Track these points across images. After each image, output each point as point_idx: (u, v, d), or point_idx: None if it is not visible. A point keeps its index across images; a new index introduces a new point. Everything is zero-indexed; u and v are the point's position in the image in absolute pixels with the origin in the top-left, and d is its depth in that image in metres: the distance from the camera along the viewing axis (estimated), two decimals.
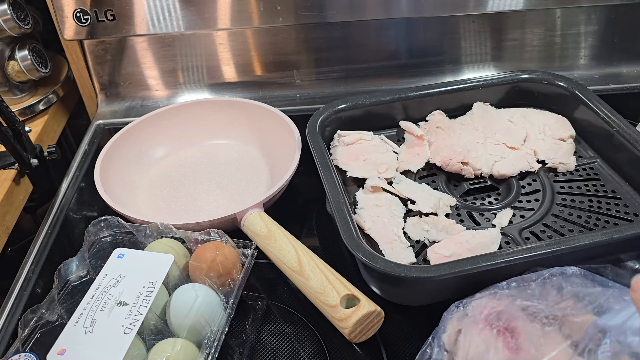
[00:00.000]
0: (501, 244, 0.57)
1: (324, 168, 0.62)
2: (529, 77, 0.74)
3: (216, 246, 0.55)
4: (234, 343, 0.55)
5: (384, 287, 0.57)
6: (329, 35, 0.86)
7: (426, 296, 0.56)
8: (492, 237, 0.57)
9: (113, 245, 0.58)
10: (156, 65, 0.88)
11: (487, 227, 0.59)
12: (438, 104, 0.74)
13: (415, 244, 0.59)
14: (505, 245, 0.57)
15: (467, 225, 0.60)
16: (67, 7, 0.78)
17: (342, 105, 0.72)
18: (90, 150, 0.83)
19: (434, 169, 0.69)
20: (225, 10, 0.80)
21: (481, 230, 0.58)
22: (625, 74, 0.89)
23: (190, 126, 0.79)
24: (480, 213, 0.62)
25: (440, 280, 0.50)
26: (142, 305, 0.51)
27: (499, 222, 0.60)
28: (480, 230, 0.58)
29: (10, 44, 0.82)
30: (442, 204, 0.62)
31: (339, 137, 0.71)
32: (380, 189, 0.64)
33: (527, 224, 0.60)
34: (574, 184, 0.65)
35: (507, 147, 0.69)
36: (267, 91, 0.90)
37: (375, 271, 0.52)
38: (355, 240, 0.53)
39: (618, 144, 0.65)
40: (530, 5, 0.81)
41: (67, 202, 0.74)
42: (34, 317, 0.51)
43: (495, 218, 0.61)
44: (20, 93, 0.85)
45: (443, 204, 0.62)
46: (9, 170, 0.73)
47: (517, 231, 0.59)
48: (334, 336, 0.54)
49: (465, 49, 0.88)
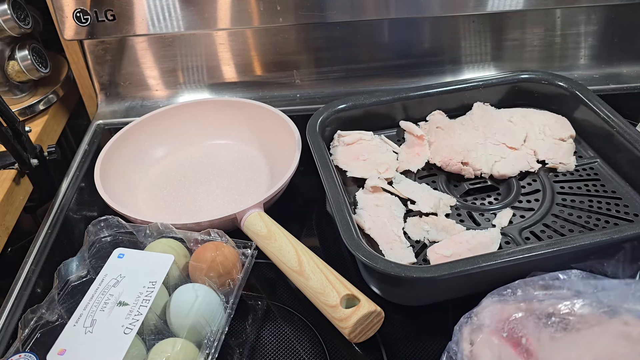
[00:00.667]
0: (501, 244, 0.57)
1: (324, 168, 0.62)
2: (529, 77, 0.74)
3: (216, 246, 0.55)
4: (234, 343, 0.55)
5: (384, 287, 0.56)
6: (329, 35, 0.86)
7: (426, 296, 0.56)
8: (492, 237, 0.57)
9: (113, 245, 0.58)
10: (156, 65, 0.88)
11: (487, 227, 0.59)
12: (438, 104, 0.74)
13: (415, 244, 0.59)
14: (505, 246, 0.57)
15: (467, 225, 0.60)
16: (67, 7, 0.78)
17: (342, 105, 0.71)
18: (90, 150, 0.83)
19: (434, 169, 0.69)
20: (225, 10, 0.80)
21: (481, 230, 0.58)
22: (625, 74, 0.89)
23: (190, 126, 0.79)
24: (480, 213, 0.62)
25: (440, 280, 0.50)
26: (142, 305, 0.51)
27: (499, 222, 0.60)
28: (480, 230, 0.58)
29: (10, 44, 0.82)
30: (442, 204, 0.62)
31: (339, 137, 0.71)
32: (380, 189, 0.64)
33: (527, 224, 0.60)
34: (574, 184, 0.65)
35: (507, 147, 0.69)
36: (267, 91, 0.90)
37: (375, 271, 0.51)
38: (355, 240, 0.53)
39: (618, 144, 0.65)
40: (530, 5, 0.81)
41: (67, 202, 0.74)
42: (34, 317, 0.51)
43: (495, 218, 0.61)
44: (20, 93, 0.85)
45: (443, 204, 0.62)
46: (9, 170, 0.73)
47: (517, 231, 0.59)
48: (334, 336, 0.54)
49: (465, 49, 0.88)
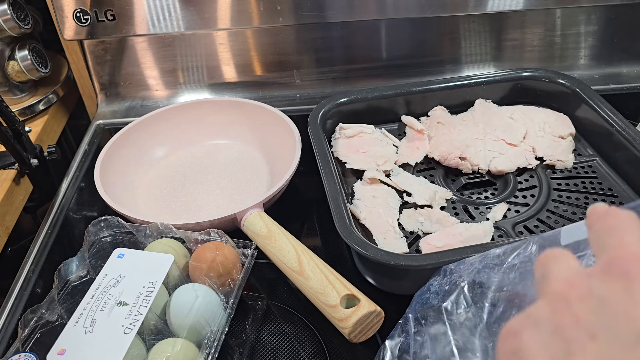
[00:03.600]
0: (494, 237, 0.57)
1: (322, 158, 0.63)
2: (531, 75, 0.75)
3: (216, 246, 0.55)
4: (234, 343, 0.55)
5: (377, 277, 0.57)
6: (329, 35, 0.86)
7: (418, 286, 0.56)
8: (485, 230, 0.57)
9: (113, 245, 0.58)
10: (156, 65, 0.88)
11: (481, 221, 0.60)
12: (440, 99, 0.75)
13: (409, 235, 0.60)
14: (498, 239, 0.58)
15: (462, 218, 0.61)
16: (67, 7, 0.78)
17: (344, 98, 0.72)
18: (90, 150, 0.83)
19: (433, 163, 0.69)
20: (225, 10, 0.80)
21: (474, 223, 0.59)
22: (625, 74, 0.89)
23: (190, 126, 0.79)
24: (475, 207, 0.63)
25: (430, 269, 0.50)
26: (142, 305, 0.51)
27: (493, 216, 0.60)
28: (474, 223, 0.59)
29: (10, 44, 0.82)
30: (438, 197, 0.63)
31: (340, 129, 0.72)
32: (377, 180, 0.65)
33: (521, 219, 0.60)
34: (571, 181, 0.65)
35: (506, 144, 0.69)
36: (267, 91, 0.90)
37: (367, 260, 0.52)
38: (347, 228, 0.54)
39: (617, 142, 0.65)
40: (530, 5, 0.81)
41: (67, 202, 0.74)
42: (34, 317, 0.51)
43: (490, 212, 0.61)
44: (20, 93, 0.85)
45: (439, 196, 0.63)
46: (9, 170, 0.73)
47: (510, 225, 0.59)
48: (334, 336, 0.54)
49: (465, 49, 0.88)
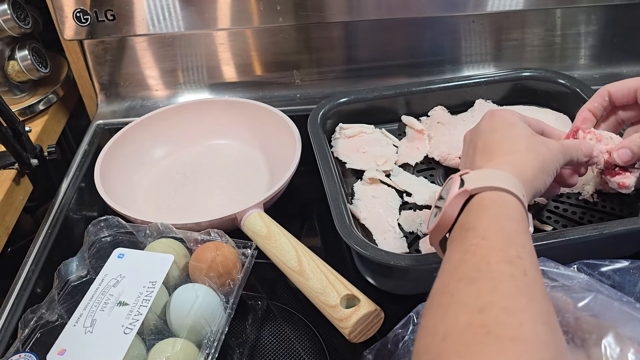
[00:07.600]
0: None
1: (322, 158, 0.63)
2: (531, 75, 0.75)
3: (216, 246, 0.55)
4: (234, 343, 0.55)
5: (377, 277, 0.57)
6: (329, 35, 0.86)
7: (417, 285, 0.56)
8: None
9: (113, 245, 0.58)
10: (156, 65, 0.88)
11: None
12: (440, 99, 0.75)
13: (409, 235, 0.60)
14: None
15: None
16: (67, 7, 0.78)
17: (344, 98, 0.72)
18: (90, 150, 0.83)
19: (433, 163, 0.69)
20: (225, 10, 0.80)
21: None
22: (625, 74, 0.89)
23: (190, 126, 0.79)
24: None
25: (429, 269, 0.50)
26: (142, 305, 0.50)
27: None
28: None
29: (10, 44, 0.81)
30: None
31: (340, 129, 0.72)
32: (377, 180, 0.65)
33: None
34: None
35: None
36: (267, 91, 0.90)
37: (367, 260, 0.52)
38: (347, 228, 0.54)
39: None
40: (530, 5, 0.81)
41: (67, 202, 0.74)
42: (34, 317, 0.51)
43: None
44: (20, 93, 0.85)
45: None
46: (9, 170, 0.73)
47: None
48: (334, 336, 0.54)
49: (465, 49, 0.88)
